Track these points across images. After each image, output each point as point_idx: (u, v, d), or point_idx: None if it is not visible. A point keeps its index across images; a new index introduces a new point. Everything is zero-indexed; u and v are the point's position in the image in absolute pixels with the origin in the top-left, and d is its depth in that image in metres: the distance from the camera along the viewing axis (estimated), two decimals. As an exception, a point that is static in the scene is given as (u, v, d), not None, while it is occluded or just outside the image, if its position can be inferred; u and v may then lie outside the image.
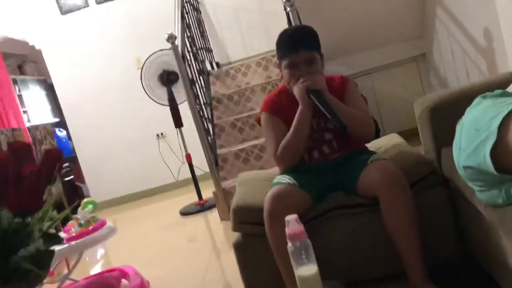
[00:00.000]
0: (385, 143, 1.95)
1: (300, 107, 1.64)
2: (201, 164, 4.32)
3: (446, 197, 1.63)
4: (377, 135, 3.25)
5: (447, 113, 1.65)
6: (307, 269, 1.00)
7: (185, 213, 3.97)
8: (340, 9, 3.80)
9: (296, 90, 1.64)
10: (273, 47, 1.78)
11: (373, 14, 3.88)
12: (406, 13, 3.91)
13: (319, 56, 1.69)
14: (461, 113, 1.36)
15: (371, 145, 1.94)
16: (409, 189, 1.49)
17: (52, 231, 0.64)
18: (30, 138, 3.77)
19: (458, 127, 1.32)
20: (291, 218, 1.01)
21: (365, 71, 4.32)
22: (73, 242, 2.09)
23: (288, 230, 1.01)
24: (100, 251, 3.70)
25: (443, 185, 1.65)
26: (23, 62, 6.91)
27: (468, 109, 1.29)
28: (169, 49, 3.41)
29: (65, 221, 2.94)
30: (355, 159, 1.67)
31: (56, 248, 1.97)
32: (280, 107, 1.75)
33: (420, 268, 1.46)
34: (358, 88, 1.82)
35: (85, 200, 2.36)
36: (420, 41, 4.18)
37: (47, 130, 4.04)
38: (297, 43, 1.66)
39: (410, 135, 2.17)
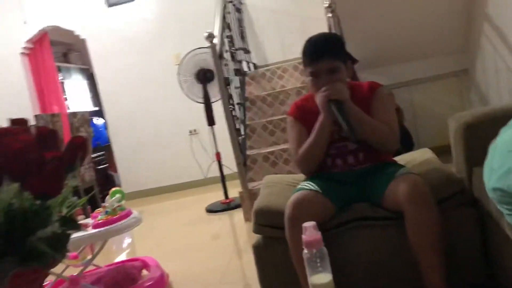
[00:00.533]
0: (415, 157, 1.91)
1: (320, 117, 1.64)
2: (230, 164, 4.35)
3: (474, 217, 1.58)
4: (410, 149, 3.20)
5: (482, 132, 1.60)
6: (321, 278, 0.99)
7: (210, 210, 4.01)
8: (383, 18, 3.74)
9: (318, 99, 1.64)
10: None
11: (417, 25, 3.80)
12: (451, 27, 3.82)
13: (343, 65, 1.66)
14: (496, 133, 1.32)
15: (400, 158, 1.90)
16: (436, 207, 1.45)
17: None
18: (68, 125, 3.89)
19: (491, 147, 1.29)
20: (309, 225, 1.01)
21: (404, 83, 4.25)
22: (98, 229, 2.14)
23: (304, 237, 1.01)
24: (124, 240, 3.78)
25: (472, 205, 1.60)
26: (68, 50, 7.15)
27: (503, 129, 1.25)
28: (208, 47, 3.45)
29: (94, 207, 3.02)
30: (383, 171, 1.64)
31: (82, 234, 2.03)
32: (305, 113, 1.75)
33: (442, 288, 1.42)
34: (391, 97, 1.78)
35: (114, 189, 2.41)
36: (463, 56, 4.07)
37: (85, 118, 4.16)
38: (319, 52, 1.64)
39: (443, 151, 2.12)
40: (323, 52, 1.64)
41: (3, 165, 0.56)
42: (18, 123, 0.64)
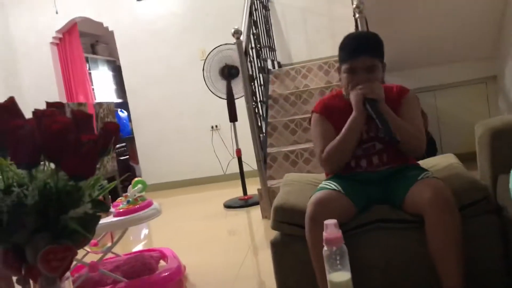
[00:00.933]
0: (439, 162, 1.89)
1: (353, 114, 1.62)
2: (250, 161, 4.37)
3: (497, 226, 1.55)
4: (433, 154, 3.16)
5: (509, 139, 1.58)
6: (340, 275, 0.99)
7: (228, 206, 4.03)
8: (412, 20, 3.70)
9: (353, 96, 1.62)
10: (337, 52, 1.76)
11: (447, 30, 3.74)
12: (481, 32, 3.75)
13: (380, 65, 1.65)
14: (524, 141, 1.30)
15: (424, 162, 1.88)
16: (458, 213, 1.43)
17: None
18: (94, 114, 3.97)
19: (519, 155, 1.27)
20: (330, 222, 1.01)
21: (429, 87, 4.19)
22: (119, 218, 2.18)
23: (325, 234, 1.01)
24: (143, 231, 3.83)
25: (495, 213, 1.58)
26: (96, 42, 7.28)
27: (532, 137, 1.23)
28: (234, 43, 3.47)
29: (115, 197, 3.08)
30: (405, 173, 1.63)
31: (104, 221, 2.07)
32: (331, 110, 1.74)
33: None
34: (418, 102, 1.76)
35: (136, 179, 2.45)
36: (492, 63, 3.99)
37: (110, 109, 4.23)
38: (359, 48, 1.63)
39: (467, 159, 2.08)
40: (364, 48, 1.63)
41: (41, 145, 0.58)
42: (54, 107, 0.66)
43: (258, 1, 4.39)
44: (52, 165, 0.61)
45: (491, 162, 1.64)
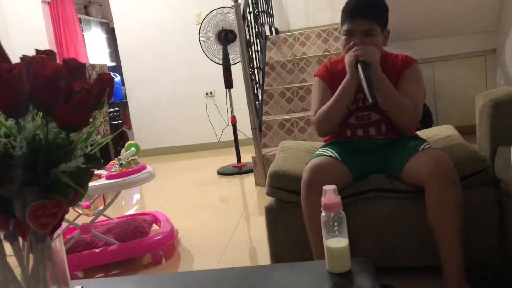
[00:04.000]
0: (438, 133, 1.87)
1: (346, 77, 1.59)
2: (245, 129, 4.34)
3: (493, 198, 1.55)
4: (429, 125, 3.14)
5: (510, 111, 1.56)
6: (337, 241, 0.98)
7: (222, 173, 4.02)
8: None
9: (346, 58, 1.59)
10: (336, 20, 1.73)
11: (447, 2, 3.67)
12: (483, 4, 3.68)
13: (379, 30, 1.61)
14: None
15: (423, 133, 1.87)
16: (459, 185, 1.42)
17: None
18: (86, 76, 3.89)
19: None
20: (329, 188, 0.99)
21: (427, 59, 4.13)
22: (112, 180, 2.15)
23: (324, 199, 0.99)
24: (136, 195, 3.82)
25: (492, 185, 1.57)
26: (89, 2, 7.07)
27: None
28: (231, 6, 3.38)
29: (107, 160, 3.04)
30: (404, 143, 1.61)
31: (96, 184, 2.04)
32: (333, 75, 1.71)
33: (459, 268, 1.41)
34: (421, 74, 1.73)
35: (129, 142, 2.41)
36: (492, 36, 3.93)
37: (103, 70, 4.14)
38: (358, 11, 1.59)
39: (463, 132, 2.06)
40: (363, 11, 1.59)
41: (30, 92, 0.54)
42: (44, 54, 0.62)
43: (257, -36, 4.25)
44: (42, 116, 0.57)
45: (490, 133, 1.62)
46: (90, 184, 1.98)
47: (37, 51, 0.62)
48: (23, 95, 0.53)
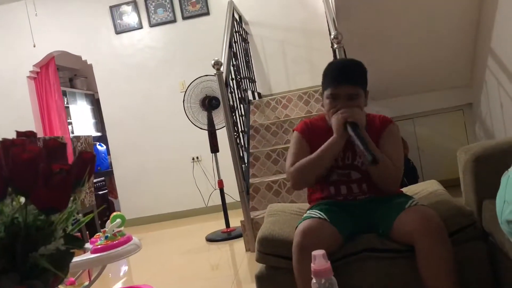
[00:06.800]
0: (423, 189, 1.88)
1: (333, 137, 1.62)
2: (232, 192, 4.32)
3: (484, 252, 1.54)
4: (414, 181, 3.17)
5: (492, 164, 1.58)
6: (330, 309, 0.95)
7: (211, 239, 3.94)
8: (388, 51, 3.77)
9: (334, 120, 1.62)
10: (317, 82, 1.78)
11: (424, 60, 3.83)
12: (456, 61, 3.85)
13: (363, 92, 1.66)
14: (507, 165, 1.30)
15: (408, 189, 1.87)
16: (449, 240, 1.41)
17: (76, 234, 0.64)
18: (72, 148, 3.88)
19: (504, 179, 1.26)
20: (318, 253, 0.97)
21: (408, 115, 4.25)
22: (97, 254, 2.09)
23: (314, 266, 0.97)
24: (122, 268, 3.70)
25: (482, 239, 1.56)
26: (74, 76, 7.23)
27: (516, 161, 1.23)
28: (214, 75, 3.47)
29: (93, 232, 2.97)
30: (391, 201, 1.61)
31: (80, 258, 1.97)
32: (313, 132, 1.74)
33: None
34: (399, 133, 1.76)
35: (114, 213, 2.37)
36: (467, 91, 4.08)
37: (88, 142, 4.15)
38: (342, 76, 1.65)
39: (448, 186, 2.08)
40: (347, 76, 1.64)
41: (9, 176, 0.54)
42: (25, 136, 0.62)
43: (237, 34, 4.43)
44: (21, 199, 0.56)
45: (475, 187, 1.63)
46: (75, 259, 1.91)
47: (18, 133, 0.62)
48: (1, 180, 0.53)
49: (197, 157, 5.34)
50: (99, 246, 2.12)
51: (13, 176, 0.54)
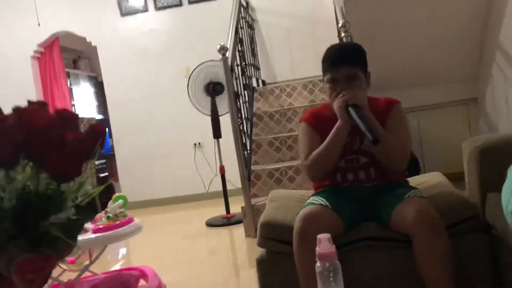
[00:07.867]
0: (427, 180, 1.88)
1: (338, 122, 1.60)
2: (234, 179, 4.31)
3: (486, 244, 1.54)
4: (416, 173, 3.16)
5: (498, 157, 1.58)
6: (333, 293, 0.95)
7: (211, 224, 3.95)
8: (397, 43, 3.75)
9: (336, 104, 1.61)
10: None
11: (430, 53, 3.80)
12: (464, 55, 3.82)
13: (362, 74, 1.65)
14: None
15: (413, 180, 1.87)
16: (445, 233, 1.40)
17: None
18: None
19: (510, 171, 1.26)
20: (323, 237, 0.97)
21: (411, 108, 4.22)
22: (98, 234, 2.09)
23: (318, 249, 0.96)
24: (122, 249, 3.72)
25: (484, 231, 1.56)
26: (78, 57, 7.20)
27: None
28: (219, 60, 3.45)
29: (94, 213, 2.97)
30: (392, 191, 1.60)
31: (82, 238, 1.98)
32: (320, 120, 1.72)
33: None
34: (404, 114, 1.75)
35: (116, 194, 2.37)
36: (473, 85, 4.06)
37: (91, 124, 4.14)
38: (340, 59, 1.64)
39: (451, 179, 2.08)
40: (344, 58, 1.63)
41: (23, 142, 0.53)
42: (37, 105, 0.62)
43: (243, 20, 4.40)
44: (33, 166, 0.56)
45: (479, 179, 1.63)
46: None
47: (30, 102, 0.62)
48: (14, 145, 0.53)
49: (199, 143, 5.34)
50: (100, 226, 2.13)
51: (27, 143, 0.54)
